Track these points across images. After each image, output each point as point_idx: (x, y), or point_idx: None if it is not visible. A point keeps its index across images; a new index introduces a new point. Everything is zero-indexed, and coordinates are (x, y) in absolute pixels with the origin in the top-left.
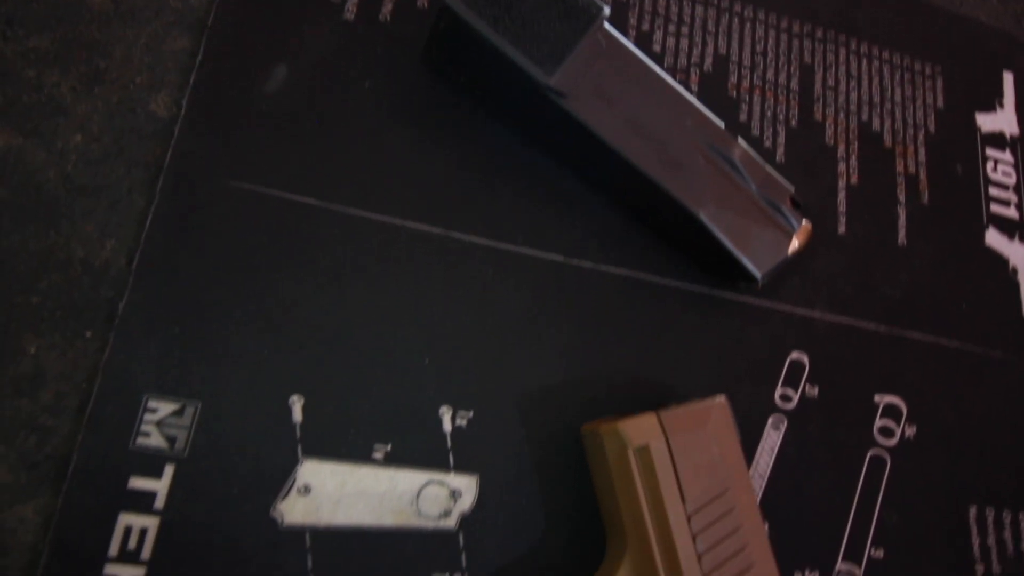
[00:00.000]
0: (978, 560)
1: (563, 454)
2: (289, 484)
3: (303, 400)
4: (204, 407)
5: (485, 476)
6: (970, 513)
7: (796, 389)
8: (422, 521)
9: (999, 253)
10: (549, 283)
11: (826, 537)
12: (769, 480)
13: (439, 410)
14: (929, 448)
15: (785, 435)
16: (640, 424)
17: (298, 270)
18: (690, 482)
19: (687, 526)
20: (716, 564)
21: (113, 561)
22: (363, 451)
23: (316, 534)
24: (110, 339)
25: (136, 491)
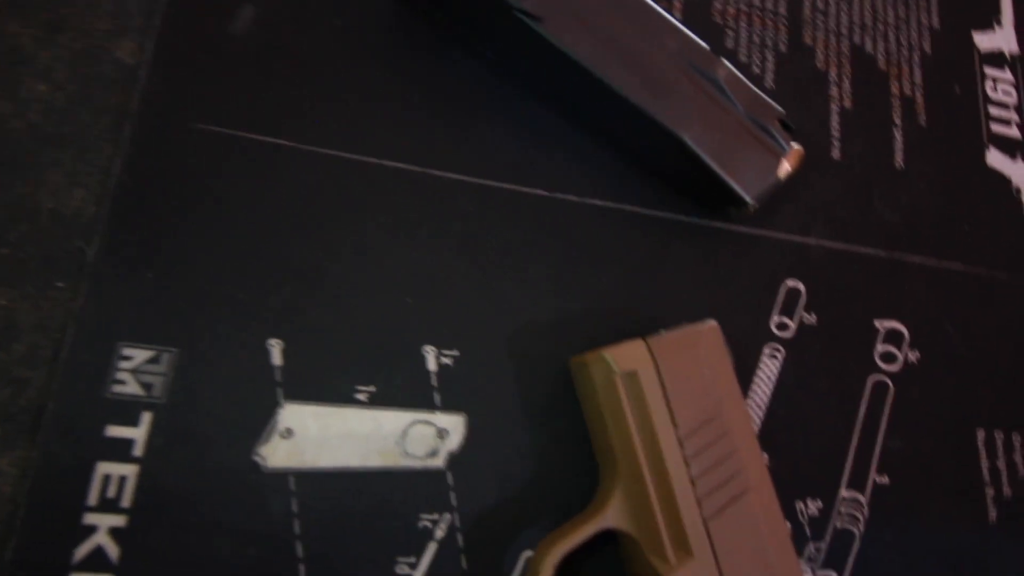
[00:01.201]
0: (988, 483)
1: (552, 389)
2: (270, 428)
3: (282, 343)
4: (180, 353)
5: (473, 414)
6: (978, 437)
7: (793, 317)
8: (409, 461)
9: (1001, 173)
10: (533, 218)
11: (828, 465)
12: (768, 410)
13: (423, 349)
14: (933, 372)
15: (783, 364)
16: (627, 350)
17: (273, 213)
18: (681, 407)
19: (679, 451)
20: (710, 488)
21: (93, 510)
22: (346, 393)
23: (300, 477)
24: (82, 288)
25: (113, 439)
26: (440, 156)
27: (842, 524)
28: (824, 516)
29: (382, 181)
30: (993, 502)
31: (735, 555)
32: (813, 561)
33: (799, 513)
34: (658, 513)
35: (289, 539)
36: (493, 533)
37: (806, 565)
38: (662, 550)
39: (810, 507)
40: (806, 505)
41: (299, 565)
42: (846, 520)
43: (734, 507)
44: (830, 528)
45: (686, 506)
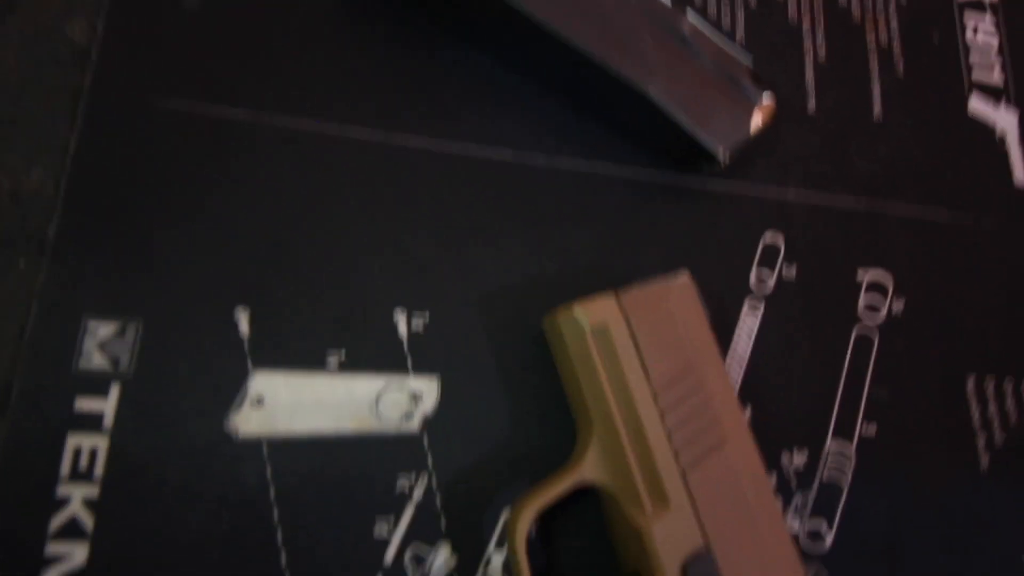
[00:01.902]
0: (979, 431)
1: (526, 350)
2: (241, 397)
3: (249, 312)
4: (146, 325)
5: (446, 377)
6: (968, 384)
7: (772, 271)
8: (383, 425)
9: (984, 121)
10: (500, 181)
11: (813, 417)
12: (749, 364)
13: (393, 314)
14: (919, 322)
15: (763, 318)
16: (597, 305)
17: (234, 184)
18: (653, 359)
19: (653, 403)
20: (686, 439)
21: (65, 482)
22: (316, 359)
23: (273, 444)
24: (44, 265)
25: (83, 412)
26: (403, 121)
27: (829, 475)
28: (810, 467)
29: (343, 149)
30: (985, 449)
31: (714, 505)
32: (801, 512)
33: (784, 466)
34: (634, 465)
35: (265, 506)
36: (471, 494)
37: (793, 516)
38: (639, 502)
39: (796, 459)
40: (792, 457)
41: (276, 530)
42: (833, 471)
43: (712, 458)
44: (817, 479)
45: (662, 458)
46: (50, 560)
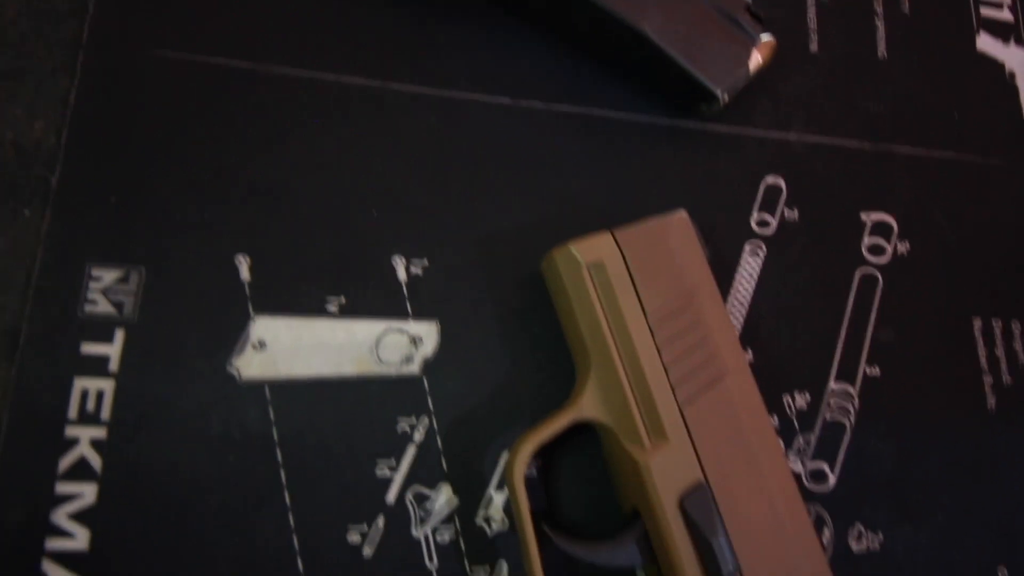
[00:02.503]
0: (986, 372)
1: (525, 293)
2: (243, 341)
3: (249, 259)
4: (149, 272)
5: (446, 321)
6: (975, 325)
7: (774, 214)
8: (384, 368)
9: (993, 58)
10: (498, 127)
11: (816, 359)
12: (751, 306)
13: (392, 259)
14: (925, 263)
15: (765, 260)
16: (593, 243)
17: (233, 133)
18: (650, 295)
19: (650, 338)
20: (684, 374)
21: (73, 423)
22: (316, 304)
23: (275, 387)
24: (48, 214)
25: (89, 356)
26: (400, 69)
27: (832, 416)
28: (813, 409)
29: (341, 97)
30: (992, 390)
31: (712, 438)
32: (803, 453)
33: (787, 407)
34: (632, 400)
35: (268, 446)
36: (471, 435)
37: (795, 457)
38: (638, 437)
39: (798, 400)
40: (794, 399)
41: (280, 470)
42: (836, 412)
43: (710, 392)
44: (820, 421)
45: (660, 392)
46: (61, 499)
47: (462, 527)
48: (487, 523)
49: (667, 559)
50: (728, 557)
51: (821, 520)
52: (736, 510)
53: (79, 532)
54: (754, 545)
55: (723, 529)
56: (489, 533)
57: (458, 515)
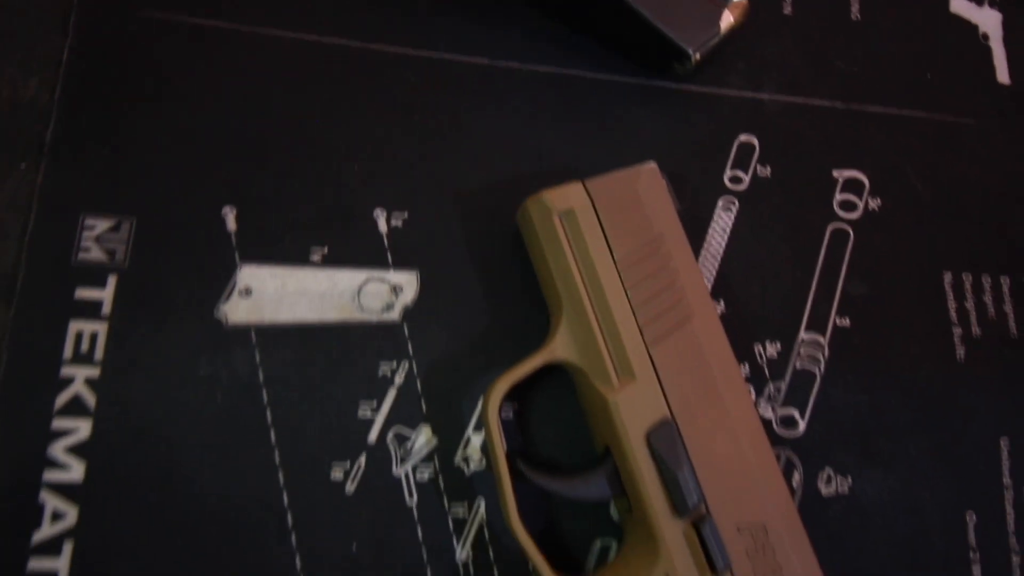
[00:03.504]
0: (955, 323)
1: (502, 246)
2: (230, 288)
3: (235, 210)
4: (139, 222)
5: (425, 271)
6: (945, 279)
7: (746, 171)
8: (365, 315)
9: (967, 19)
10: (477, 86)
11: (786, 310)
12: (723, 259)
13: (373, 212)
14: (896, 219)
15: (737, 216)
16: (564, 191)
17: (220, 90)
18: (619, 240)
19: (619, 282)
20: (652, 316)
21: (68, 363)
22: (300, 254)
23: (261, 331)
24: (43, 167)
25: (83, 301)
26: (381, 30)
27: (802, 365)
28: (783, 358)
29: (325, 57)
30: (961, 341)
31: (678, 377)
32: (773, 400)
33: (758, 355)
34: (600, 341)
35: (254, 387)
36: (450, 379)
37: (766, 403)
38: (607, 376)
39: (769, 349)
40: (764, 348)
41: (265, 410)
42: (806, 361)
43: (677, 334)
44: (790, 369)
45: (627, 333)
46: (57, 433)
47: (441, 466)
48: (465, 463)
49: (635, 491)
50: (692, 488)
51: (791, 464)
52: (701, 445)
53: (75, 464)
54: (718, 478)
55: (688, 462)
56: (467, 472)
57: (437, 455)
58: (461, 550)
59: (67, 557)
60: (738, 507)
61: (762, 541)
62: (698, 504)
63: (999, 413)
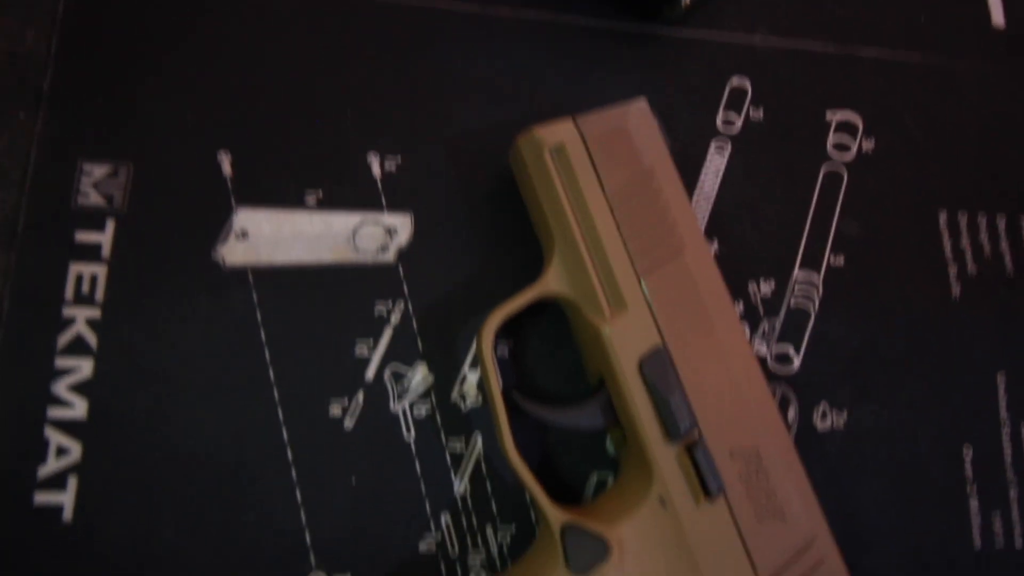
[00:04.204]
0: (951, 261)
1: (495, 188)
2: (227, 230)
3: (231, 155)
4: (136, 167)
5: (419, 213)
6: (940, 218)
7: (739, 113)
8: (360, 256)
9: None
10: (466, 33)
11: (780, 249)
12: (716, 201)
13: (367, 156)
14: (890, 160)
15: (730, 158)
16: (555, 127)
17: (214, 36)
18: (609, 175)
19: (610, 214)
20: (643, 247)
21: (70, 304)
22: (295, 198)
23: (258, 273)
24: (41, 116)
25: (82, 244)
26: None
27: (796, 303)
28: (777, 296)
29: (317, 6)
30: (957, 279)
31: (670, 307)
32: (768, 337)
33: (752, 294)
34: (592, 273)
35: (252, 327)
36: (445, 318)
37: (760, 340)
38: (598, 307)
39: (763, 288)
40: (759, 286)
41: (264, 349)
42: (800, 299)
43: (668, 265)
44: (784, 306)
45: (618, 264)
46: (60, 372)
47: (438, 403)
48: (462, 399)
49: (628, 419)
50: (684, 413)
51: (786, 399)
52: (693, 372)
53: (77, 402)
54: (711, 404)
55: (679, 387)
56: (464, 409)
57: (434, 392)
58: (459, 484)
59: (72, 491)
60: (731, 432)
61: (756, 466)
62: (691, 429)
63: (995, 349)
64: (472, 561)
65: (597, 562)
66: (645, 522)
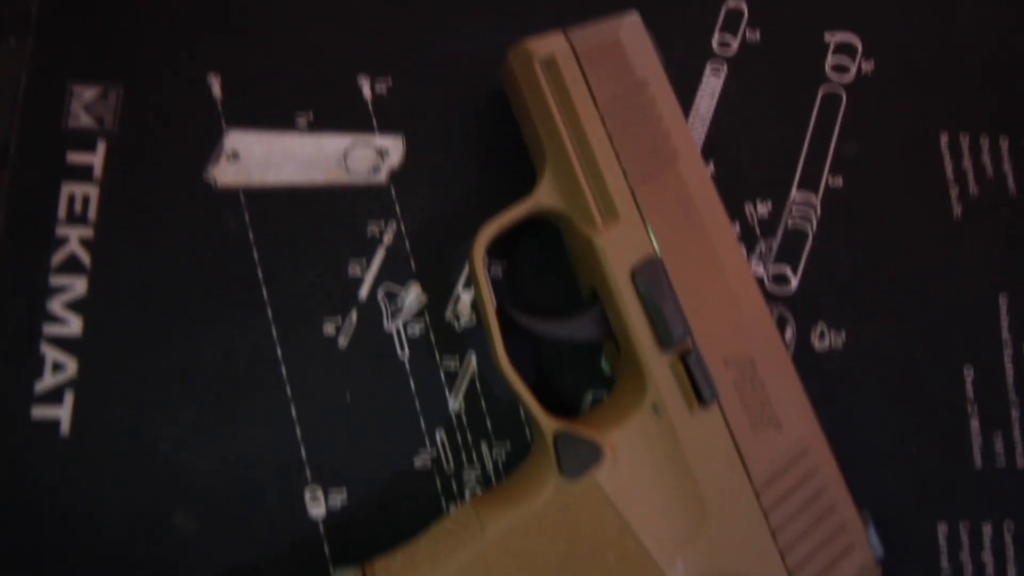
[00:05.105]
0: (952, 183)
1: (487, 109)
2: (218, 152)
3: (221, 77)
4: (126, 89)
5: (411, 135)
6: (942, 140)
7: (735, 35)
8: (352, 177)
9: None
10: None
11: (777, 170)
12: (712, 123)
13: (357, 78)
14: (890, 81)
15: (726, 80)
16: (545, 39)
17: None
18: (600, 86)
19: (601, 125)
20: (634, 156)
21: (63, 223)
22: (286, 120)
23: (250, 193)
24: (31, 39)
25: (74, 164)
26: None
27: (794, 224)
28: (775, 216)
29: None
30: (958, 200)
31: (663, 216)
32: (765, 257)
33: (748, 215)
34: (584, 184)
35: (245, 247)
36: (438, 238)
37: (757, 261)
38: (591, 218)
39: (759, 209)
40: (755, 207)
41: (256, 268)
42: (798, 220)
43: (661, 175)
44: (781, 227)
45: (610, 174)
46: (55, 290)
47: (432, 322)
48: (456, 319)
49: (621, 329)
50: (677, 320)
51: (783, 319)
52: (687, 281)
53: (72, 319)
54: (705, 313)
55: (672, 295)
56: (458, 328)
57: (427, 311)
58: (454, 401)
59: (69, 406)
60: (725, 341)
61: (750, 374)
62: (684, 337)
63: (998, 270)
64: (467, 477)
65: (590, 466)
66: (639, 429)
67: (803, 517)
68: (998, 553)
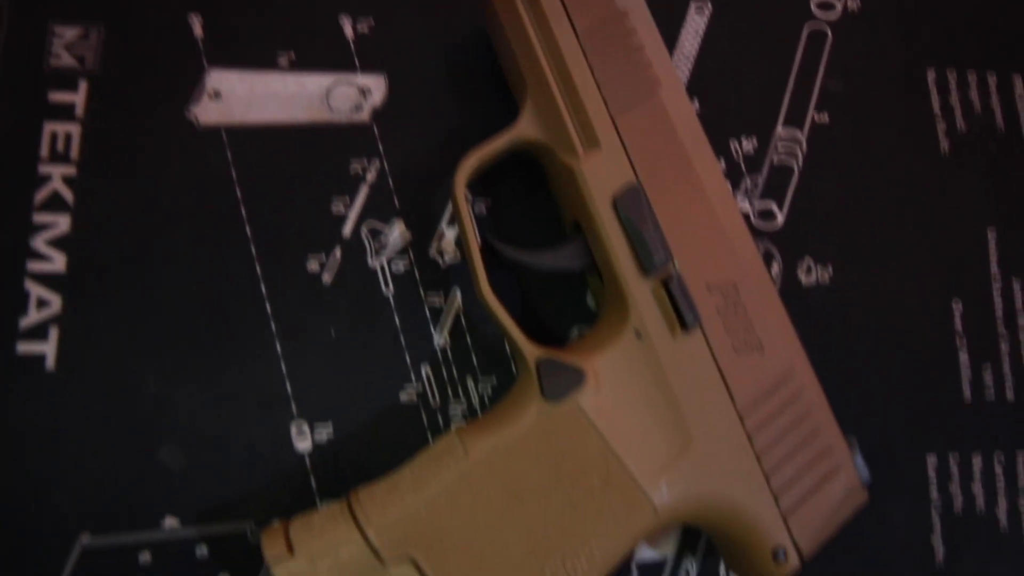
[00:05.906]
0: (939, 118)
1: (469, 48)
2: (199, 91)
3: (202, 17)
4: (107, 29)
5: (393, 74)
6: (928, 76)
7: None
8: (334, 116)
9: None
10: None
11: (762, 107)
12: (696, 61)
13: (339, 18)
14: (876, 18)
15: (710, 18)
16: None
17: None
18: (581, 16)
19: (581, 54)
20: (615, 84)
21: (45, 162)
22: (267, 59)
23: (232, 132)
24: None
25: (56, 104)
26: None
27: (779, 160)
28: (760, 152)
29: None
30: (945, 135)
31: (645, 145)
32: (751, 193)
33: (733, 151)
34: (565, 114)
35: (227, 185)
36: (422, 176)
37: (743, 197)
38: (572, 148)
39: (745, 145)
40: (740, 143)
41: (239, 206)
42: (784, 156)
43: (643, 104)
44: (767, 163)
45: (591, 102)
46: (38, 227)
47: (416, 259)
48: (440, 255)
49: (603, 256)
50: (659, 245)
51: (769, 254)
52: (669, 207)
53: (56, 256)
54: (687, 239)
55: (653, 220)
56: (442, 265)
57: (412, 248)
58: (439, 337)
59: (54, 342)
60: (708, 267)
61: (733, 299)
62: (665, 262)
63: (986, 204)
64: (453, 411)
65: (572, 389)
66: (621, 354)
67: (788, 440)
68: (988, 484)
